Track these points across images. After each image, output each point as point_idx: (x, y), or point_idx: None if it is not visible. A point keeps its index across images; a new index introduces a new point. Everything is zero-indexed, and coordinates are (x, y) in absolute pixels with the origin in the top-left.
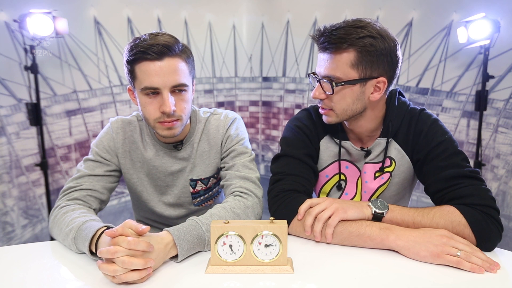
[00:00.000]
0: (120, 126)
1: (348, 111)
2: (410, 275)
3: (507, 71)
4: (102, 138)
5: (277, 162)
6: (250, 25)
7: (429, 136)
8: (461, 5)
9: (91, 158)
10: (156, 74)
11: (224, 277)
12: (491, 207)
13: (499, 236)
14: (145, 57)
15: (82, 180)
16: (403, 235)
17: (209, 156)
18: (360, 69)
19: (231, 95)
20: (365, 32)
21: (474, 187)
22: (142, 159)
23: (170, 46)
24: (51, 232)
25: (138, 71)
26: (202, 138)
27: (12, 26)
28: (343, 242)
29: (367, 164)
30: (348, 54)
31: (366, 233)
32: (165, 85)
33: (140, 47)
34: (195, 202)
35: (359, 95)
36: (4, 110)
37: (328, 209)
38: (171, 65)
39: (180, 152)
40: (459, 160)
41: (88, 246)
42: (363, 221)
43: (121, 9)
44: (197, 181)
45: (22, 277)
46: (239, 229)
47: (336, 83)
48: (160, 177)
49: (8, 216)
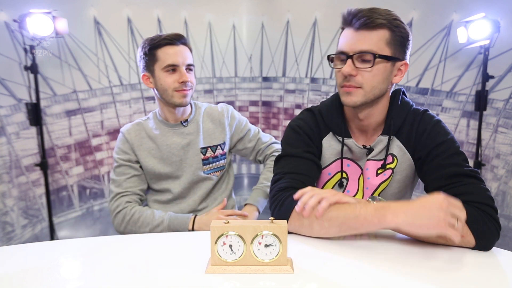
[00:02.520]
0: (129, 129)
1: (376, 90)
2: (411, 275)
3: (507, 71)
4: (117, 145)
5: (277, 164)
6: (250, 25)
7: (432, 135)
8: (461, 5)
9: (116, 166)
10: (176, 54)
11: (224, 277)
12: (489, 206)
13: (497, 235)
14: (169, 42)
15: (122, 185)
16: (401, 211)
17: (214, 132)
18: (393, 48)
19: (231, 95)
20: (394, 15)
21: (473, 185)
22: (154, 146)
23: (183, 37)
24: (122, 229)
25: (161, 53)
26: (204, 120)
27: (12, 26)
28: (340, 228)
29: (369, 161)
30: (384, 32)
31: (362, 215)
32: (183, 62)
33: (162, 37)
34: (205, 170)
35: (388, 74)
36: (4, 110)
37: (328, 191)
38: (185, 49)
39: (186, 128)
40: (460, 160)
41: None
42: (357, 204)
43: (121, 9)
44: (207, 148)
45: (22, 277)
46: (239, 229)
47: (377, 56)
48: (174, 153)
49: (8, 216)
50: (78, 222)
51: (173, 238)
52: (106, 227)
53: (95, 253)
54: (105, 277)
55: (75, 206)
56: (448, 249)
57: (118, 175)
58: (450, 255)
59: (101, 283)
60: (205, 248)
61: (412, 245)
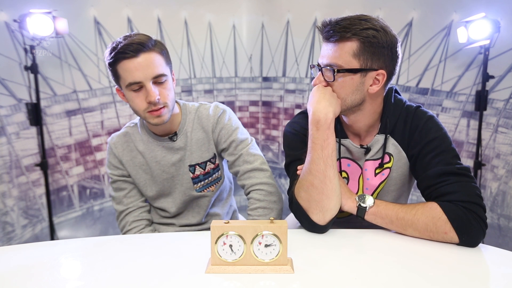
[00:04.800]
0: (116, 141)
1: (347, 101)
2: (411, 275)
3: (507, 71)
4: (108, 159)
5: (288, 172)
6: (250, 25)
7: (423, 132)
8: (461, 5)
9: (111, 181)
10: (136, 69)
11: (224, 277)
12: (475, 204)
13: (482, 232)
14: (124, 57)
15: (123, 202)
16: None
17: (204, 143)
18: (362, 60)
19: (231, 95)
20: (368, 24)
21: (460, 184)
22: (144, 161)
23: (143, 43)
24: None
25: (120, 70)
26: (195, 128)
27: (12, 26)
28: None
29: (367, 161)
30: (351, 43)
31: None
32: (146, 77)
33: (117, 49)
34: (196, 188)
35: (359, 85)
36: (4, 110)
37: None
38: (148, 59)
39: (176, 143)
40: (450, 158)
41: None
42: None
43: (121, 9)
44: (195, 165)
45: (22, 277)
46: (239, 229)
47: (338, 70)
48: (164, 170)
49: (8, 216)
50: (78, 222)
51: (173, 238)
52: (106, 227)
53: (95, 253)
54: (105, 277)
55: (75, 206)
56: (448, 248)
57: (116, 191)
58: (450, 255)
59: (101, 283)
60: (205, 248)
61: (412, 245)
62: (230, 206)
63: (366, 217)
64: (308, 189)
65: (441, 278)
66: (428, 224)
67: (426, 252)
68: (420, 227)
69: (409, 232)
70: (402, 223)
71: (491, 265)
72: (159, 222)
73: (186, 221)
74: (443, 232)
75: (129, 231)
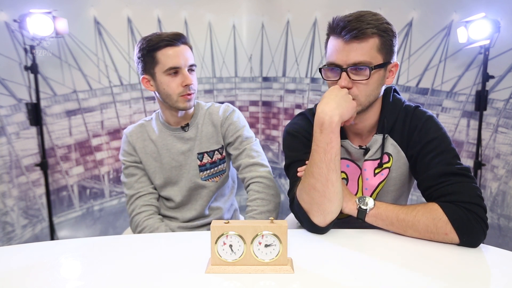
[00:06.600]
0: (132, 130)
1: (371, 97)
2: (411, 275)
3: (507, 71)
4: (122, 147)
5: (288, 173)
6: (250, 25)
7: (423, 132)
8: (461, 5)
9: (123, 167)
10: (177, 56)
11: (224, 277)
12: (476, 204)
13: (482, 233)
14: (168, 44)
15: (134, 187)
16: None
17: (213, 135)
18: (384, 53)
19: (231, 95)
20: (382, 19)
21: (461, 184)
22: (155, 149)
23: (182, 35)
24: (136, 233)
25: (161, 56)
26: (205, 122)
27: (12, 26)
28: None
29: (366, 162)
30: (373, 39)
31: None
32: (185, 64)
33: (161, 37)
34: (202, 176)
35: (382, 79)
36: (4, 110)
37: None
38: (186, 49)
39: (187, 133)
40: (450, 158)
41: None
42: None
43: (121, 9)
44: (203, 153)
45: (22, 277)
46: (239, 229)
47: (372, 68)
48: (173, 158)
49: (8, 216)
50: (78, 222)
51: (174, 238)
52: (106, 227)
53: (95, 253)
54: (105, 277)
55: (75, 206)
56: (448, 248)
57: (127, 177)
58: (450, 255)
59: (101, 283)
60: (205, 248)
61: (412, 245)
62: (232, 204)
63: (366, 219)
64: (310, 191)
65: (441, 278)
66: (429, 225)
67: (426, 252)
68: (420, 228)
69: (410, 233)
70: (403, 224)
71: (491, 265)
72: (164, 214)
73: (189, 214)
74: (444, 233)
75: (138, 215)
